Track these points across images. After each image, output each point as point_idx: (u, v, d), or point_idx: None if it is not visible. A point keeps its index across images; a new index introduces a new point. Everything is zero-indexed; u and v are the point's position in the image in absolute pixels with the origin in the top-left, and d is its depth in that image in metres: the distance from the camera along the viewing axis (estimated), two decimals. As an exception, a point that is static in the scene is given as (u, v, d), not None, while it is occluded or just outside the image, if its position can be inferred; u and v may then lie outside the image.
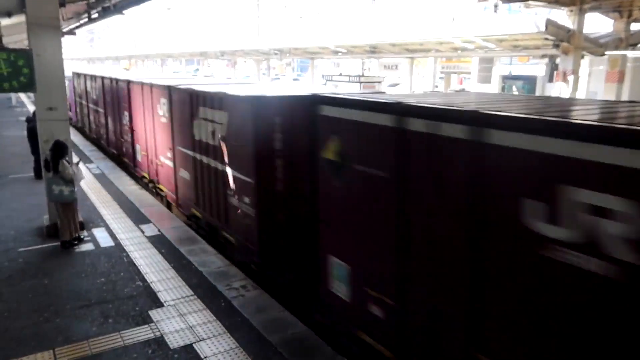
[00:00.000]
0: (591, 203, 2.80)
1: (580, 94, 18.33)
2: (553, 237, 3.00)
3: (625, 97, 22.78)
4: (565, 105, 4.61)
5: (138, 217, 8.98)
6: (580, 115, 3.53)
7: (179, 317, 5.50)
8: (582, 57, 15.44)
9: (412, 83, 28.47)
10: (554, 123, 3.10)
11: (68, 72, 17.03)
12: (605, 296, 2.76)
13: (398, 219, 4.11)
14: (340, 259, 4.86)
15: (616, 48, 15.60)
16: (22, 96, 33.71)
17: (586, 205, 2.83)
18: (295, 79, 54.83)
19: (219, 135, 7.30)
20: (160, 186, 10.63)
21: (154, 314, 5.57)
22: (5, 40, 8.76)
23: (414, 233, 3.98)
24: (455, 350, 3.75)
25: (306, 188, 5.29)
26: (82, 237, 7.77)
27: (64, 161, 7.35)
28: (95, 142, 17.51)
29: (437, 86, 34.87)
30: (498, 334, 3.42)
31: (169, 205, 10.29)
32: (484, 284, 3.45)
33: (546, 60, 26.85)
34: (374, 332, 4.55)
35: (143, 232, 8.26)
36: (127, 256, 7.23)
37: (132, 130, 12.28)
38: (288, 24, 36.09)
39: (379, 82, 30.83)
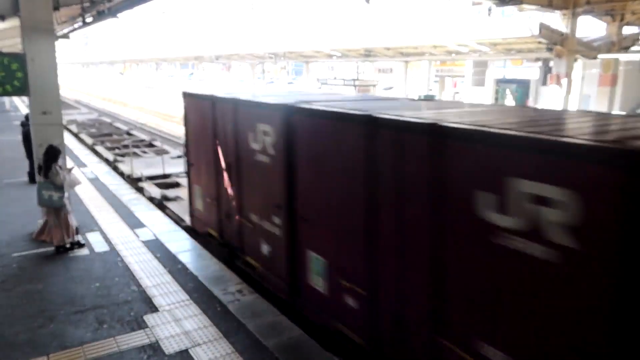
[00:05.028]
0: None
1: (574, 97, 18.45)
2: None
3: (618, 100, 22.98)
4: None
5: (133, 222, 8.94)
6: None
7: (175, 322, 5.47)
8: (576, 60, 15.54)
9: (406, 86, 28.56)
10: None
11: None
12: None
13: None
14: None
15: (609, 51, 15.73)
16: (16, 100, 33.56)
17: None
18: (290, 83, 54.91)
19: None
20: None
21: (149, 319, 5.54)
22: (-2, 45, 8.74)
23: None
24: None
25: None
26: (80, 242, 7.70)
27: (56, 167, 7.31)
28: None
29: (431, 89, 35.02)
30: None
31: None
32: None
33: (540, 63, 27.03)
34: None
35: (138, 236, 8.22)
36: (122, 261, 7.19)
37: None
38: (283, 27, 36.17)
39: (374, 85, 30.96)
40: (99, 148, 17.80)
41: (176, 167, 13.56)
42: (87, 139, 19.74)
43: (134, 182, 12.62)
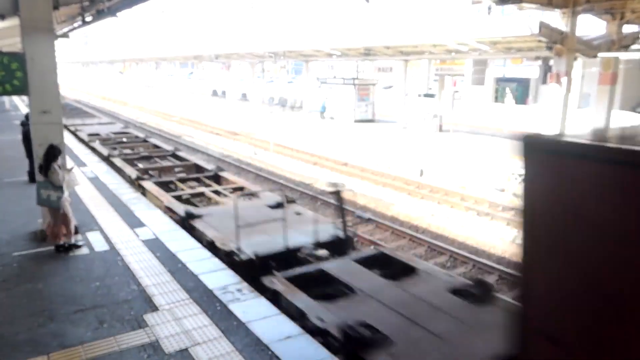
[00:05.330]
0: None
1: (574, 96, 18.43)
2: None
3: (618, 98, 22.97)
4: None
5: (133, 221, 8.94)
6: None
7: (175, 321, 5.48)
8: (575, 59, 15.52)
9: (406, 85, 28.55)
10: None
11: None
12: None
13: None
14: None
15: (609, 50, 15.69)
16: (16, 100, 33.54)
17: None
18: (289, 82, 54.92)
19: None
20: None
21: (149, 318, 5.55)
22: (-2, 44, 8.73)
23: None
24: None
25: None
26: (77, 244, 7.69)
27: (56, 166, 7.32)
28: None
29: (430, 88, 35.01)
30: None
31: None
32: None
33: (539, 62, 27.04)
34: None
35: (138, 235, 8.22)
36: (122, 260, 7.19)
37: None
38: (283, 26, 36.19)
39: (373, 84, 30.92)
40: (148, 185, 11.62)
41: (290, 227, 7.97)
42: (127, 168, 13.45)
43: (246, 268, 7.00)
